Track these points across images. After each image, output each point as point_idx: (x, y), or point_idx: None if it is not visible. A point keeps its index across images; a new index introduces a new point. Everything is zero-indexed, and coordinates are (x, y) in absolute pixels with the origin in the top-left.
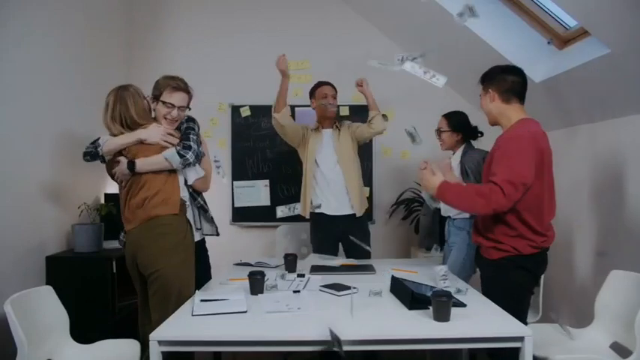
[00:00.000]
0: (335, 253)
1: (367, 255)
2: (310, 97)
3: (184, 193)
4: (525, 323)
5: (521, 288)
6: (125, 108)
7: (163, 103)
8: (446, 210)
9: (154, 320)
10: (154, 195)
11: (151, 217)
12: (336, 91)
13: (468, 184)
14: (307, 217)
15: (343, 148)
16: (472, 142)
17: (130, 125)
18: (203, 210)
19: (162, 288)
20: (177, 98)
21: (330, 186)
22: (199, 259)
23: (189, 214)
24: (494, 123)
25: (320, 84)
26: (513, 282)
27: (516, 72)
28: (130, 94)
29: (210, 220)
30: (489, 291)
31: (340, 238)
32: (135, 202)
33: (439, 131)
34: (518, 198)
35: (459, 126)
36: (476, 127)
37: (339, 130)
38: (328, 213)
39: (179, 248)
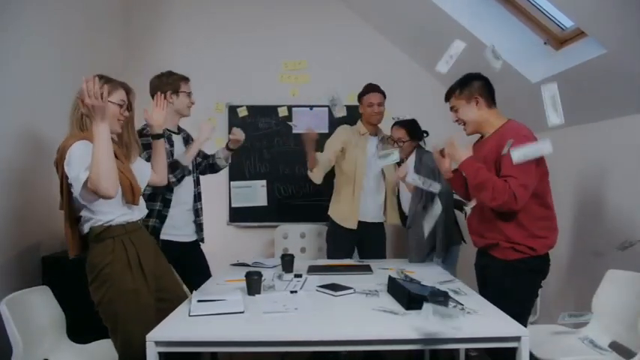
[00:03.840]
0: (350, 256)
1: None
2: (358, 100)
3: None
4: (525, 325)
5: (533, 291)
6: None
7: (187, 93)
8: None
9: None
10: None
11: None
12: (384, 97)
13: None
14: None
15: None
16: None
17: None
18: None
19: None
20: (190, 86)
21: (372, 194)
22: (188, 261)
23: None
24: (474, 131)
25: (367, 90)
26: (526, 285)
27: (483, 77)
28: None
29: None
30: (498, 293)
31: (357, 243)
32: None
33: (401, 142)
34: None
35: (419, 134)
36: (425, 131)
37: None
38: (367, 221)
39: (98, 286)
